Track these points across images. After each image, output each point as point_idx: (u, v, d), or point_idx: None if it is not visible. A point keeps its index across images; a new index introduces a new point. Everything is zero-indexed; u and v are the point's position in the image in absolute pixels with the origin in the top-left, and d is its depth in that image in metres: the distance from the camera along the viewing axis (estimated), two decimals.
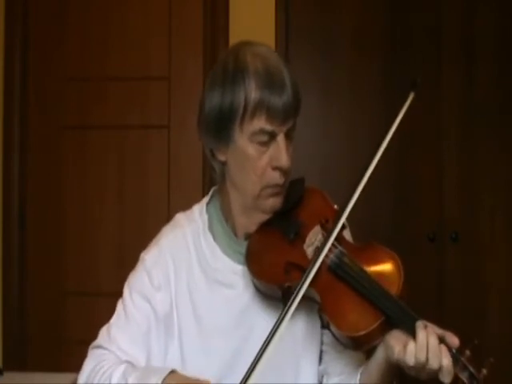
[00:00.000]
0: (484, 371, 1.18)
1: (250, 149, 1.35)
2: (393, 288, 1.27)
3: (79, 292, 2.93)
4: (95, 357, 1.40)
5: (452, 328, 1.24)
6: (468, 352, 1.19)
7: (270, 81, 1.33)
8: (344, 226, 1.37)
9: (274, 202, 1.40)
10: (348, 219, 1.40)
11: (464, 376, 1.18)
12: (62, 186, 2.97)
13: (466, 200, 2.83)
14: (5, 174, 2.96)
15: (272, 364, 1.25)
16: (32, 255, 2.96)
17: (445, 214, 2.83)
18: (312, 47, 2.92)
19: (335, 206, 1.42)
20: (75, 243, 2.95)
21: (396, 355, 1.23)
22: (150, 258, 1.44)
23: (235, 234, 1.45)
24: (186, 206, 1.53)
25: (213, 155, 1.43)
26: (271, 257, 1.39)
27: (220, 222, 1.46)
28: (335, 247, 1.34)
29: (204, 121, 1.40)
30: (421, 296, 2.67)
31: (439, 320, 1.25)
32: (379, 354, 1.30)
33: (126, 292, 1.44)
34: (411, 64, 2.85)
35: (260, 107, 1.32)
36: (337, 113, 2.92)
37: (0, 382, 2.45)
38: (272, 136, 1.35)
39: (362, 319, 1.26)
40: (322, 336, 1.44)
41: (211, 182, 2.29)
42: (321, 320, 1.42)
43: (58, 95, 2.98)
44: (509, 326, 2.77)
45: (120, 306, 1.44)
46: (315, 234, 1.38)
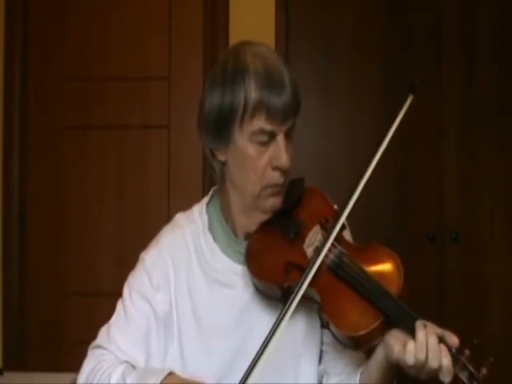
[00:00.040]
0: (484, 371, 1.18)
1: (250, 149, 1.35)
2: (392, 288, 1.27)
3: (79, 292, 2.93)
4: (95, 357, 1.40)
5: (452, 328, 1.24)
6: (467, 351, 1.19)
7: (270, 81, 1.33)
8: (344, 226, 1.37)
9: (274, 202, 1.40)
10: (348, 219, 1.40)
11: (464, 375, 1.18)
12: (62, 186, 2.97)
13: (466, 200, 2.83)
14: (5, 174, 2.95)
15: (272, 364, 1.25)
16: (32, 255, 2.96)
17: (445, 214, 2.83)
18: (312, 47, 2.92)
19: (335, 206, 1.42)
20: (75, 243, 2.95)
21: (396, 354, 1.23)
22: (150, 259, 1.44)
23: (235, 234, 1.45)
24: (186, 206, 1.53)
25: (213, 155, 1.43)
26: (271, 257, 1.39)
27: (220, 222, 1.46)
28: (335, 247, 1.34)
29: (204, 121, 1.40)
30: (421, 296, 2.66)
31: (439, 320, 1.25)
32: (379, 354, 1.30)
33: (126, 292, 1.44)
34: (411, 64, 2.85)
35: (260, 107, 1.32)
36: (337, 113, 2.92)
37: (0, 382, 2.45)
38: (272, 136, 1.35)
39: (362, 319, 1.26)
40: (322, 336, 1.44)
41: (211, 182, 2.29)
42: (320, 320, 1.42)
43: (58, 95, 2.98)
44: (509, 326, 2.77)
45: (120, 306, 1.44)
46: (315, 234, 1.38)
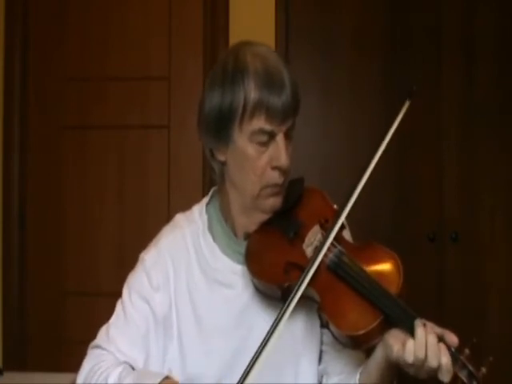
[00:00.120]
0: (483, 370, 1.18)
1: (250, 149, 1.35)
2: (392, 287, 1.27)
3: (79, 292, 2.93)
4: (94, 357, 1.40)
5: (452, 328, 1.24)
6: (467, 351, 1.19)
7: (270, 81, 1.33)
8: (343, 226, 1.38)
9: (274, 202, 1.40)
10: (348, 219, 1.40)
11: (463, 375, 1.18)
12: (62, 186, 2.96)
13: (466, 200, 2.83)
14: (5, 174, 2.95)
15: (272, 363, 1.25)
16: (32, 255, 2.95)
17: (445, 214, 2.83)
18: (312, 47, 2.92)
19: (335, 206, 1.42)
20: (75, 243, 2.94)
21: (395, 354, 1.23)
22: (150, 259, 1.44)
23: (235, 234, 1.45)
24: (186, 206, 1.53)
25: (212, 155, 1.43)
26: (271, 256, 1.39)
27: (219, 222, 1.46)
28: (334, 246, 1.34)
29: (204, 121, 1.40)
30: (421, 296, 2.66)
31: (439, 320, 1.25)
32: (378, 354, 1.30)
33: (125, 292, 1.44)
34: (411, 64, 2.85)
35: (259, 107, 1.32)
36: (337, 113, 2.92)
37: (0, 382, 2.45)
38: (271, 136, 1.35)
39: (362, 318, 1.26)
40: (322, 336, 1.44)
41: (211, 182, 2.29)
42: (320, 319, 1.42)
43: (58, 95, 2.97)
44: (509, 326, 2.77)
45: (119, 307, 1.44)
46: (314, 234, 1.38)
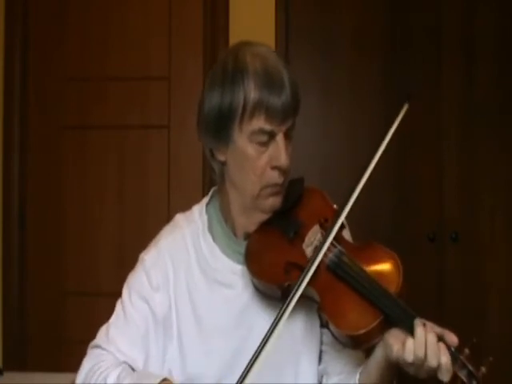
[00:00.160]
0: (483, 369, 1.17)
1: (250, 149, 1.35)
2: (392, 287, 1.27)
3: (79, 292, 2.93)
4: (94, 356, 1.40)
5: (452, 328, 1.24)
6: (467, 350, 1.19)
7: (269, 81, 1.33)
8: (343, 226, 1.38)
9: (274, 202, 1.40)
10: (348, 219, 1.40)
11: (463, 374, 1.18)
12: (62, 186, 2.96)
13: (466, 200, 2.83)
14: (5, 174, 2.95)
15: (272, 363, 1.25)
16: (32, 255, 2.95)
17: (445, 214, 2.83)
18: (312, 47, 2.92)
19: (334, 206, 1.42)
20: (75, 243, 2.94)
21: (395, 353, 1.23)
22: (149, 259, 1.44)
23: (235, 234, 1.45)
24: (186, 206, 1.53)
25: (212, 155, 1.43)
26: (271, 256, 1.39)
27: (219, 223, 1.46)
28: (334, 246, 1.34)
29: (203, 121, 1.40)
30: (421, 296, 2.66)
31: (439, 320, 1.25)
32: (378, 353, 1.30)
33: (125, 292, 1.44)
34: (411, 64, 2.85)
35: (259, 107, 1.32)
36: (337, 113, 2.92)
37: (0, 382, 2.45)
38: (271, 136, 1.35)
39: (361, 318, 1.26)
40: (322, 335, 1.44)
41: (211, 182, 2.29)
42: (320, 319, 1.42)
43: (58, 95, 2.97)
44: (509, 326, 2.77)
45: (119, 307, 1.44)
46: (314, 234, 1.38)
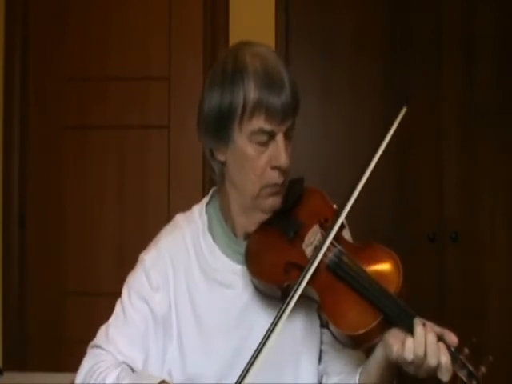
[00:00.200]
0: (483, 369, 1.17)
1: (249, 148, 1.35)
2: (391, 287, 1.27)
3: (79, 292, 2.93)
4: (93, 356, 1.41)
5: (452, 328, 1.24)
6: (467, 350, 1.19)
7: (269, 81, 1.33)
8: (343, 226, 1.38)
9: (274, 202, 1.40)
10: (348, 219, 1.40)
11: (462, 374, 1.18)
12: (62, 186, 2.97)
13: (466, 200, 2.83)
14: (5, 174, 2.96)
15: (272, 363, 1.25)
16: (32, 255, 2.96)
17: (445, 214, 2.83)
18: (312, 47, 2.92)
19: (334, 206, 1.42)
20: (75, 243, 2.95)
21: (395, 353, 1.22)
22: (149, 259, 1.44)
23: (235, 234, 1.45)
24: (186, 206, 1.53)
25: (212, 155, 1.43)
26: (270, 256, 1.39)
27: (219, 222, 1.46)
28: (334, 246, 1.34)
29: (203, 121, 1.40)
30: (421, 296, 2.67)
31: (439, 320, 1.25)
32: (378, 353, 1.30)
33: (125, 292, 1.44)
34: (411, 64, 2.85)
35: (259, 107, 1.32)
36: (337, 113, 2.92)
37: (0, 382, 2.45)
38: (271, 136, 1.35)
39: (361, 318, 1.26)
40: (322, 335, 1.44)
41: (211, 182, 2.27)
42: (320, 319, 1.42)
43: (58, 95, 2.98)
44: (509, 326, 2.77)
45: (118, 307, 1.44)
46: (314, 234, 1.38)
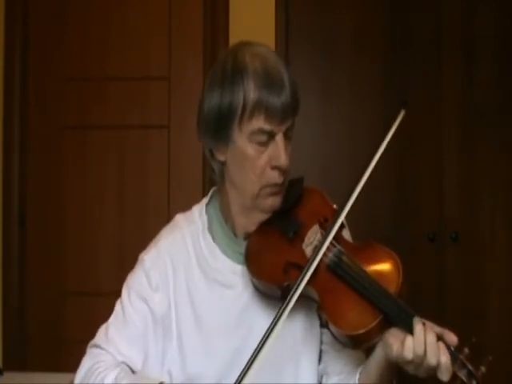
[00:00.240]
0: (482, 369, 1.17)
1: (249, 148, 1.35)
2: (391, 287, 1.27)
3: (79, 292, 2.93)
4: (93, 356, 1.41)
5: (452, 328, 1.24)
6: (466, 350, 1.19)
7: (269, 81, 1.33)
8: (343, 226, 1.38)
9: (274, 202, 1.40)
10: (348, 219, 1.40)
11: (462, 374, 1.18)
12: (62, 186, 2.97)
13: (466, 200, 2.83)
14: (5, 174, 2.96)
15: (272, 363, 1.25)
16: (32, 255, 2.96)
17: (445, 214, 2.83)
18: (312, 47, 2.92)
19: (334, 206, 1.42)
20: (75, 243, 2.95)
21: (395, 352, 1.22)
22: (149, 259, 1.44)
23: (235, 234, 1.45)
24: (186, 206, 1.53)
25: (212, 155, 1.43)
26: (270, 256, 1.39)
27: (219, 223, 1.46)
28: (334, 246, 1.34)
29: (203, 121, 1.40)
30: (421, 296, 2.68)
31: (439, 320, 1.25)
32: (378, 353, 1.30)
33: (125, 292, 1.44)
34: (411, 64, 2.85)
35: (259, 107, 1.32)
36: (337, 113, 2.92)
37: (0, 382, 2.45)
38: (271, 136, 1.35)
39: (361, 318, 1.26)
40: (322, 335, 1.44)
41: (211, 182, 2.28)
42: (320, 319, 1.42)
43: (58, 95, 2.98)
44: (509, 326, 2.77)
45: (118, 307, 1.44)
46: (314, 234, 1.38)
